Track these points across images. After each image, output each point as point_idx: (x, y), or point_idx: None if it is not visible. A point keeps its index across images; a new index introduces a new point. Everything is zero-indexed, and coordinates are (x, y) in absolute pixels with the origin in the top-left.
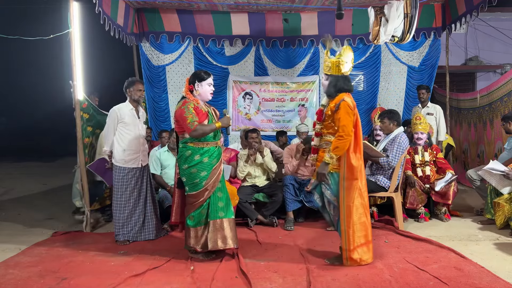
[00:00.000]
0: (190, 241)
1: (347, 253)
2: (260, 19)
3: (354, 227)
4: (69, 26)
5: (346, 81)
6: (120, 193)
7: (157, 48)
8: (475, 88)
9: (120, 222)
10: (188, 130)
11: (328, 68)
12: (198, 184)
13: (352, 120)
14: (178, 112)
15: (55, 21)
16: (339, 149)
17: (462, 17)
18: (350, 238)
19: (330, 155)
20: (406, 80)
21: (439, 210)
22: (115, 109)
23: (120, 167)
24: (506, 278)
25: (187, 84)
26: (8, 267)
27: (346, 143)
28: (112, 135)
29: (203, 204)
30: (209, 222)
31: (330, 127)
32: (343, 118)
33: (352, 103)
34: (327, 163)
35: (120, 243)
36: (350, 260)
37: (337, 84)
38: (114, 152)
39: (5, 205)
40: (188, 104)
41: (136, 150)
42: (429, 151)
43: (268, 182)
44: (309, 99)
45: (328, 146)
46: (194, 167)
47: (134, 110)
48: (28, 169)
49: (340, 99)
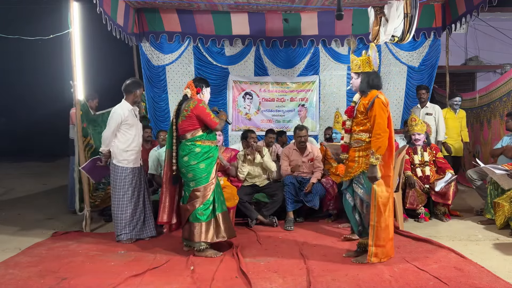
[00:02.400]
0: (200, 236)
1: (373, 248)
2: (260, 19)
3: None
4: (69, 26)
5: (377, 77)
6: (122, 193)
7: (157, 48)
8: (475, 88)
9: (123, 222)
10: (215, 124)
11: (358, 66)
12: (205, 178)
13: (387, 116)
14: (195, 109)
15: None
16: (381, 148)
17: (462, 17)
18: (380, 234)
19: (376, 156)
20: (406, 80)
21: (439, 210)
22: (119, 111)
23: (123, 167)
24: (506, 278)
25: (194, 86)
26: (8, 267)
27: (385, 140)
28: (113, 136)
29: (209, 198)
30: (217, 215)
31: (362, 124)
32: (379, 115)
33: (385, 100)
34: (374, 165)
35: (124, 243)
36: (375, 257)
37: (369, 80)
38: (116, 153)
39: (5, 205)
40: (204, 102)
41: (137, 149)
42: (428, 151)
43: (268, 182)
44: (309, 99)
45: (359, 145)
46: (202, 162)
47: (133, 111)
48: (28, 169)
49: (374, 96)
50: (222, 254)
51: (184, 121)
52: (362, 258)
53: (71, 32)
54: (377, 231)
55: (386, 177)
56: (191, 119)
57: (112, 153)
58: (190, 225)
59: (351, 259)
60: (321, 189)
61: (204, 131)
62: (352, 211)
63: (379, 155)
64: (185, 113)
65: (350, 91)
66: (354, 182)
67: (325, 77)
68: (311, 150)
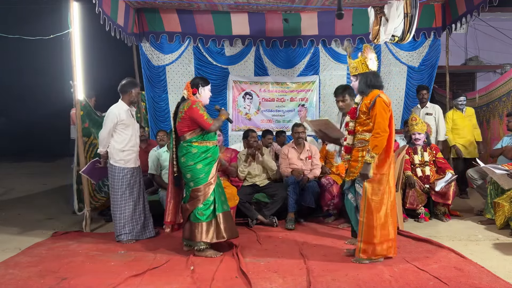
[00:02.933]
0: (201, 236)
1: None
2: (260, 19)
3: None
4: (69, 26)
5: (376, 76)
6: (120, 193)
7: (157, 48)
8: (475, 88)
9: (122, 223)
10: (208, 125)
11: (355, 69)
12: (204, 178)
13: (388, 116)
14: (189, 111)
15: (55, 21)
16: (378, 147)
17: (462, 17)
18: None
19: (371, 155)
20: (406, 80)
21: (439, 210)
22: (114, 111)
23: (120, 167)
24: (506, 278)
25: (190, 87)
26: (8, 267)
27: (384, 140)
28: (110, 137)
29: (209, 198)
30: (217, 215)
31: (365, 124)
32: (379, 114)
33: (387, 100)
34: (368, 163)
35: (125, 243)
36: (363, 253)
37: (367, 80)
38: (113, 153)
39: (5, 205)
40: (198, 103)
41: (133, 149)
42: (429, 151)
43: (269, 182)
44: (309, 99)
45: (362, 145)
46: (200, 162)
47: (129, 111)
48: (28, 169)
49: (375, 95)
50: (222, 254)
51: (180, 122)
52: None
53: (71, 32)
54: (366, 228)
55: (379, 175)
56: (186, 121)
57: (109, 153)
58: (190, 224)
59: (351, 258)
60: (315, 187)
61: (201, 132)
62: (353, 212)
63: (374, 153)
64: (180, 114)
65: None
66: (356, 182)
67: (325, 77)
68: (309, 148)
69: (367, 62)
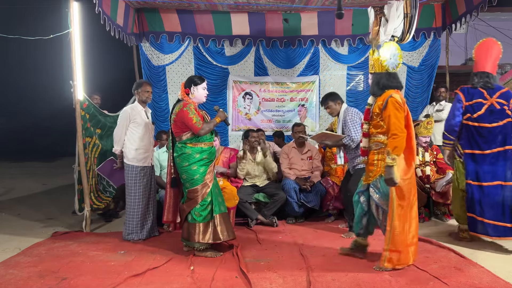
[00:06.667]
0: (197, 237)
1: (388, 253)
2: (260, 19)
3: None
4: (69, 26)
5: (390, 77)
6: (134, 192)
7: (157, 48)
8: None
9: (134, 222)
10: (196, 129)
11: (372, 67)
12: (199, 179)
13: (403, 116)
14: (180, 113)
15: (55, 21)
16: (398, 148)
17: (462, 17)
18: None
19: (392, 157)
20: (405, 80)
21: (439, 210)
22: (127, 109)
23: (133, 165)
24: (506, 278)
25: (183, 88)
26: (8, 267)
27: (402, 140)
28: (123, 135)
29: (206, 199)
30: (214, 216)
31: (379, 126)
32: (393, 115)
33: (401, 99)
34: (390, 166)
35: (134, 242)
36: (388, 262)
37: (380, 82)
38: (126, 151)
39: (5, 205)
40: (189, 106)
41: (146, 149)
42: (430, 152)
43: (269, 182)
44: (309, 99)
45: (378, 147)
46: (194, 164)
47: (143, 111)
48: (28, 169)
49: (388, 96)
50: (222, 254)
51: (173, 124)
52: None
53: (71, 32)
54: (393, 236)
55: (407, 180)
56: (178, 123)
57: (123, 152)
58: (188, 225)
59: (372, 266)
60: (321, 188)
61: (194, 134)
62: (361, 215)
63: (395, 155)
64: (173, 116)
65: (350, 91)
66: (371, 186)
67: (325, 77)
68: (309, 148)
69: (384, 62)
